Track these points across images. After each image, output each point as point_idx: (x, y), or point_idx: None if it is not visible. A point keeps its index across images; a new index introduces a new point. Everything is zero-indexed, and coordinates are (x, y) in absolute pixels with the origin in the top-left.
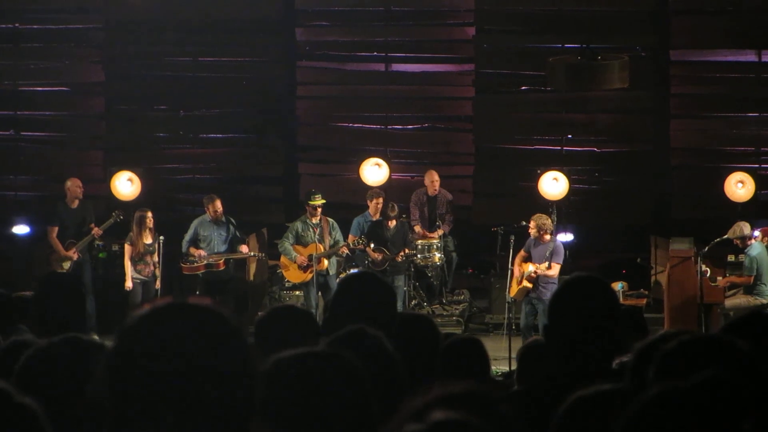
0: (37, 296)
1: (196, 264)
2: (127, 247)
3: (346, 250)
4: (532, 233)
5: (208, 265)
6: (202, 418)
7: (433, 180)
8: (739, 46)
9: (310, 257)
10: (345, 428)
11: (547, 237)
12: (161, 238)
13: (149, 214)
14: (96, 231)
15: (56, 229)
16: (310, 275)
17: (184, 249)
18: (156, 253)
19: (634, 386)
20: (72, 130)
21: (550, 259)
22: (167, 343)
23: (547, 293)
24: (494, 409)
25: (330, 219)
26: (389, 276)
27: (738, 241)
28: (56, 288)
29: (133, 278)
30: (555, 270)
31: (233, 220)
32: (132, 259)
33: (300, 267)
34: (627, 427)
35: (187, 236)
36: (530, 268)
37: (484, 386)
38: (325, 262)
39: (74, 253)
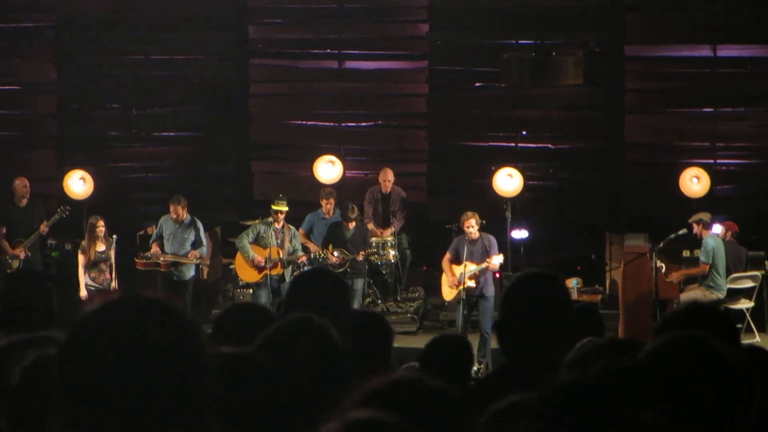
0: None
1: (148, 261)
2: (80, 256)
3: (304, 259)
4: (471, 230)
5: (156, 264)
6: (157, 414)
7: (386, 179)
8: (694, 41)
9: (266, 260)
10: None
11: (477, 233)
12: (114, 237)
13: (100, 223)
14: (42, 227)
15: (3, 229)
16: (263, 276)
17: (150, 243)
18: (111, 260)
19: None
20: (24, 129)
21: (491, 251)
22: (119, 336)
23: (490, 288)
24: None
25: (292, 227)
26: (349, 278)
27: (696, 226)
28: (22, 284)
29: (87, 286)
30: (500, 259)
31: (200, 224)
32: (85, 267)
33: (255, 267)
34: (530, 421)
35: (155, 233)
36: (472, 267)
37: (417, 376)
38: (281, 267)
39: (21, 251)
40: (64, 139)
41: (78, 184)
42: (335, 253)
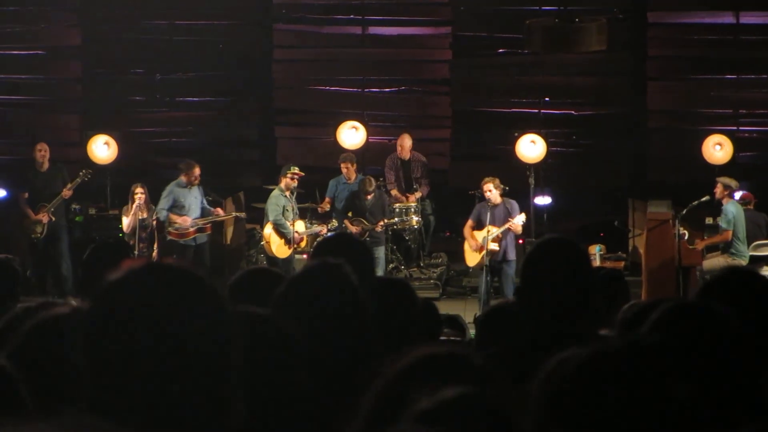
0: None
1: (182, 230)
2: (123, 221)
3: (324, 231)
4: (490, 195)
5: (199, 230)
6: (181, 382)
7: (402, 144)
8: (717, 7)
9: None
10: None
11: (500, 198)
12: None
13: (138, 190)
14: (65, 191)
15: (26, 195)
16: (292, 251)
17: (162, 217)
18: (151, 227)
19: None
20: (48, 94)
21: (512, 214)
22: (143, 304)
23: (512, 252)
24: (478, 371)
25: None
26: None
27: (720, 189)
28: (105, 253)
29: None
30: (522, 218)
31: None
32: (125, 235)
33: (287, 243)
34: (557, 386)
35: (166, 203)
36: (494, 230)
37: (465, 348)
38: (305, 239)
39: (44, 216)
40: (89, 103)
41: (102, 149)
42: (354, 224)
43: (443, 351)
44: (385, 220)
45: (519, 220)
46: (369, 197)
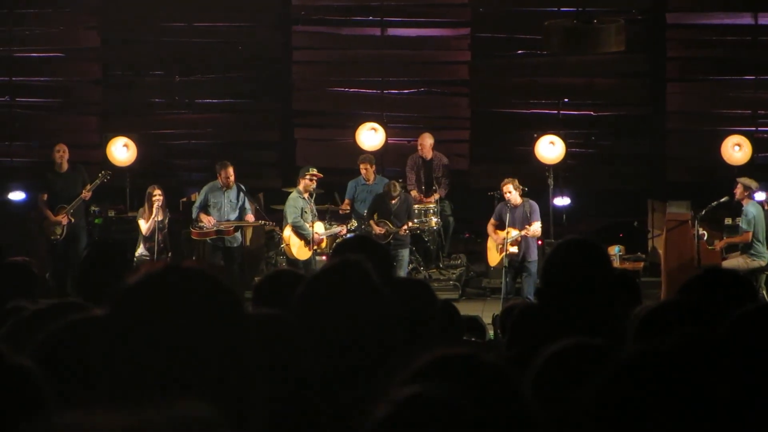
0: None
1: (205, 230)
2: (140, 223)
3: (344, 231)
4: (511, 196)
5: (218, 231)
6: (202, 383)
7: (423, 143)
8: (735, 9)
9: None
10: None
11: (520, 199)
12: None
13: (156, 192)
14: (84, 193)
15: (45, 196)
16: (311, 252)
17: (194, 215)
18: (166, 229)
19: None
20: (67, 96)
21: (531, 218)
22: (163, 307)
23: (533, 253)
24: (492, 372)
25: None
26: (393, 249)
27: (740, 189)
28: (101, 253)
29: (141, 256)
30: (539, 226)
31: (243, 187)
32: (143, 237)
33: (307, 245)
34: (604, 384)
35: (198, 202)
36: (513, 233)
37: (481, 349)
38: (325, 241)
39: (64, 217)
40: (108, 105)
41: (121, 150)
42: (379, 225)
43: (458, 352)
44: (410, 224)
45: (534, 229)
46: (394, 201)
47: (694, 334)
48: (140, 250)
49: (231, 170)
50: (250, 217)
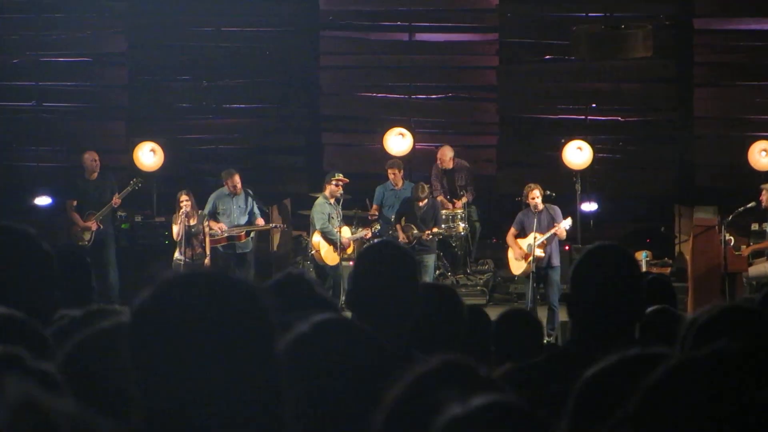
0: None
1: (216, 237)
2: (174, 229)
3: (369, 235)
4: (536, 201)
5: (229, 238)
6: (228, 392)
7: (441, 158)
8: (763, 14)
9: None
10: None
11: (541, 205)
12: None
13: (183, 198)
14: (115, 199)
15: (74, 202)
16: (340, 258)
17: (203, 222)
18: (201, 234)
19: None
20: (94, 101)
21: (557, 220)
22: (185, 311)
23: (557, 258)
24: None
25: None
26: (418, 255)
27: (765, 198)
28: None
29: (176, 260)
30: (569, 221)
31: (251, 192)
32: (178, 243)
33: (336, 249)
34: (645, 396)
35: (206, 210)
36: (539, 237)
37: (474, 361)
38: (352, 245)
39: (93, 223)
40: (135, 110)
41: (148, 155)
42: (404, 230)
43: (463, 359)
44: (435, 229)
45: (565, 225)
46: (421, 204)
47: (752, 342)
48: (176, 255)
49: (237, 178)
50: (260, 221)
